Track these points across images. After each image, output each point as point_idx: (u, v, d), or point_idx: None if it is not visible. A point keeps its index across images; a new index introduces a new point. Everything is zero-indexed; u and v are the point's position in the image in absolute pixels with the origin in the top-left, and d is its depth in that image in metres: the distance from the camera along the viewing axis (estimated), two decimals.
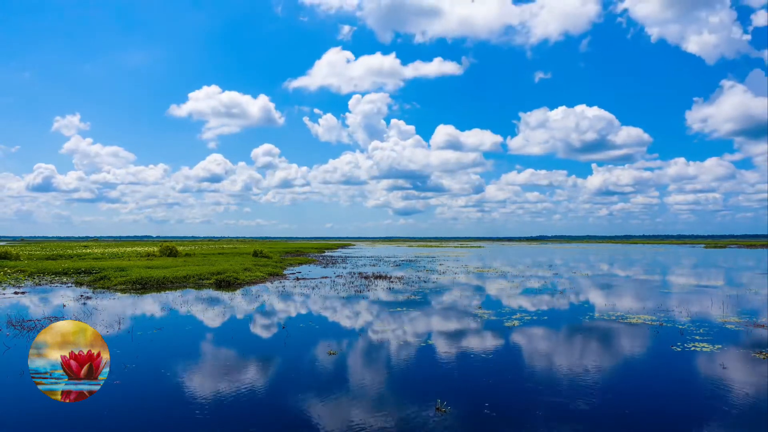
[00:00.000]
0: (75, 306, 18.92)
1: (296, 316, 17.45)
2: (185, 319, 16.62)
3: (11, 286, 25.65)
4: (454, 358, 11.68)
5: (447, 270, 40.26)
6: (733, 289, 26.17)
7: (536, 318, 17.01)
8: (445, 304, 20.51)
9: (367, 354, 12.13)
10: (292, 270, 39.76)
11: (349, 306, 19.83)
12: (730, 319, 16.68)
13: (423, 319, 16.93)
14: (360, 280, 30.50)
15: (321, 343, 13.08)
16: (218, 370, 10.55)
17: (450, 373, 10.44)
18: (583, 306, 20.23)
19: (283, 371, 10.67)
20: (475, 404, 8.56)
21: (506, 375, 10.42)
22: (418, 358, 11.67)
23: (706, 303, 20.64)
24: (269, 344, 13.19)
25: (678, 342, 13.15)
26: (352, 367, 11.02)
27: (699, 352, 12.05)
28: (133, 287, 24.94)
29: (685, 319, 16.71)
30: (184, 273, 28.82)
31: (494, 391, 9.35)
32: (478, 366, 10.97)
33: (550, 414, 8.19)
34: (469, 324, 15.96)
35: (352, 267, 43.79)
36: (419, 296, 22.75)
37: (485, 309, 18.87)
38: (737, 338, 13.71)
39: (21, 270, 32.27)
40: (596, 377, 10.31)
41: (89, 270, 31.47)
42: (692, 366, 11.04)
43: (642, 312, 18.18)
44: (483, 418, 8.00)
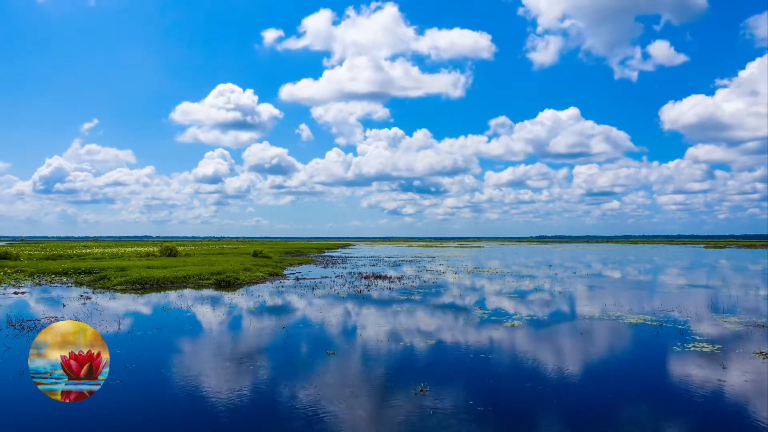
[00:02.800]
0: (75, 306, 18.92)
1: (296, 316, 17.45)
2: (185, 319, 16.62)
3: (11, 286, 25.65)
4: (455, 359, 11.69)
5: (446, 270, 40.27)
6: (733, 289, 26.18)
7: (535, 318, 17.01)
8: (444, 304, 20.51)
9: (367, 354, 12.13)
10: (292, 270, 39.75)
11: (348, 306, 19.83)
12: (730, 319, 16.68)
13: (423, 319, 16.93)
14: (360, 280, 30.50)
15: (321, 343, 13.08)
16: (218, 370, 10.55)
17: (450, 373, 10.44)
18: (582, 306, 20.22)
19: (283, 371, 10.66)
20: (476, 404, 8.57)
21: (506, 375, 10.44)
22: (418, 358, 11.66)
23: (706, 303, 20.64)
24: (269, 344, 13.18)
25: (678, 342, 13.15)
26: (351, 367, 11.02)
27: (699, 353, 12.05)
28: (133, 287, 24.94)
29: (685, 319, 16.71)
30: (184, 273, 28.81)
31: (494, 391, 9.35)
32: (478, 366, 10.97)
33: (551, 414, 8.20)
34: (468, 324, 15.95)
35: (352, 267, 43.78)
36: (419, 296, 22.74)
37: (484, 309, 18.88)
38: (737, 338, 13.71)
39: (21, 270, 32.27)
40: (596, 377, 10.33)
41: (89, 270, 31.46)
42: (692, 366, 11.03)
43: (641, 312, 18.18)
44: (482, 417, 8.01)
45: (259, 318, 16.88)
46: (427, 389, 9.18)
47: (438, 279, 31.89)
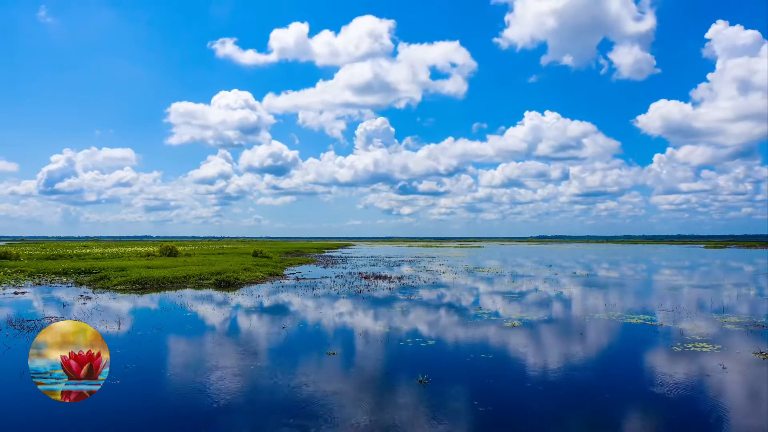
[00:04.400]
0: (75, 306, 18.92)
1: (296, 316, 17.44)
2: (185, 319, 16.62)
3: (11, 286, 25.65)
4: (455, 359, 11.69)
5: (446, 270, 40.27)
6: (733, 289, 26.18)
7: (535, 318, 17.00)
8: (444, 304, 20.51)
9: (366, 354, 12.13)
10: (292, 270, 39.76)
11: (349, 306, 19.83)
12: (730, 319, 16.68)
13: (423, 319, 16.93)
14: (360, 280, 30.50)
15: (321, 343, 13.08)
16: (218, 370, 10.54)
17: (450, 373, 10.44)
18: (581, 305, 20.22)
19: (283, 371, 10.66)
20: (476, 404, 8.57)
21: (506, 375, 10.44)
22: (418, 358, 11.66)
23: (706, 303, 20.64)
24: (269, 344, 13.18)
25: (678, 342, 13.15)
26: (351, 367, 11.02)
27: (699, 353, 12.05)
28: (133, 287, 24.94)
29: (685, 319, 16.71)
30: (184, 273, 28.81)
31: (495, 391, 9.35)
32: (478, 367, 10.97)
33: (550, 414, 8.20)
34: (468, 324, 15.95)
35: (352, 267, 43.79)
36: (419, 296, 22.74)
37: (484, 309, 18.88)
38: (737, 338, 13.71)
39: (21, 270, 32.26)
40: (595, 377, 10.32)
41: (89, 270, 31.45)
42: (692, 366, 11.03)
43: (641, 312, 18.18)
44: (482, 417, 8.01)
45: (259, 318, 16.88)
46: (427, 380, 9.18)
47: (437, 279, 31.89)
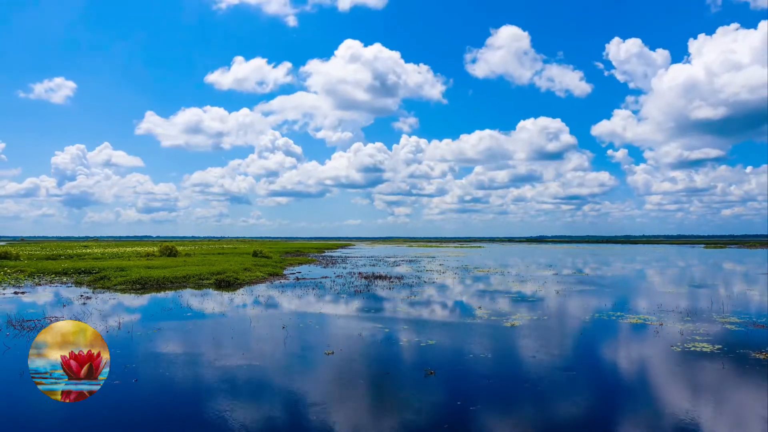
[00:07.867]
0: (75, 306, 18.92)
1: (296, 315, 17.44)
2: (185, 319, 16.61)
3: (11, 285, 25.65)
4: (455, 358, 11.69)
5: (446, 270, 40.27)
6: (733, 289, 26.18)
7: (535, 318, 17.00)
8: (444, 304, 20.52)
9: (366, 354, 12.13)
10: (292, 270, 39.75)
11: (348, 306, 19.83)
12: (730, 319, 16.68)
13: (423, 319, 16.93)
14: (360, 280, 30.50)
15: (320, 343, 13.08)
16: (218, 370, 10.54)
17: (449, 374, 10.44)
18: (582, 305, 20.21)
19: (283, 370, 10.67)
20: (476, 404, 8.57)
21: (506, 375, 10.44)
22: (418, 358, 11.66)
23: (706, 303, 20.64)
24: (269, 344, 13.18)
25: (678, 342, 13.15)
26: (350, 366, 11.01)
27: (699, 353, 12.05)
28: (133, 287, 24.93)
29: (685, 318, 16.71)
30: (184, 273, 28.81)
31: (495, 391, 9.35)
32: (478, 367, 10.97)
33: (550, 414, 8.20)
34: (468, 324, 15.95)
35: (352, 267, 43.78)
36: (419, 296, 22.75)
37: (484, 308, 18.88)
38: (737, 338, 13.70)
39: (21, 270, 32.25)
40: (595, 377, 10.32)
41: (89, 270, 31.45)
42: (692, 366, 11.03)
43: (641, 312, 18.18)
44: (481, 416, 8.01)
45: (259, 318, 16.88)
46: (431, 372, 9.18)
47: (437, 279, 31.89)
